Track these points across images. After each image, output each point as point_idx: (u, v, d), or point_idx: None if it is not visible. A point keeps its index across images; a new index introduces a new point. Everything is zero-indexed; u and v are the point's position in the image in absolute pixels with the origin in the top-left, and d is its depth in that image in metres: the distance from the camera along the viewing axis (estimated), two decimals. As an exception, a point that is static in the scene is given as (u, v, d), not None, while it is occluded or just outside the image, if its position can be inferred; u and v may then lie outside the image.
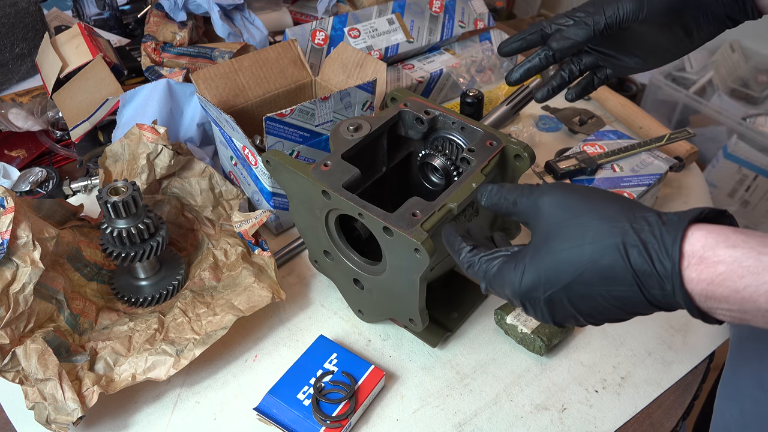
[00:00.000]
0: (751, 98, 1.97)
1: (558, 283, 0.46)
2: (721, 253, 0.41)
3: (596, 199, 0.48)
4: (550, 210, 0.49)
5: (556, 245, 0.47)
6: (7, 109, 1.01)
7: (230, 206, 0.82)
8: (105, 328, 0.70)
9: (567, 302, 0.47)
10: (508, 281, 0.49)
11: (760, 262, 0.40)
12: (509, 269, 0.49)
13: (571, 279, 0.46)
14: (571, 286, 0.46)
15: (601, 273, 0.44)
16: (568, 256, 0.46)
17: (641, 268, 0.43)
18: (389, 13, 1.12)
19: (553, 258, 0.47)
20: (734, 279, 0.40)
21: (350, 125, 0.70)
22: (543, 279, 0.47)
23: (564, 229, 0.47)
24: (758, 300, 0.40)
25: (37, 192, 0.93)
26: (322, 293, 0.80)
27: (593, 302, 0.46)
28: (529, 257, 0.48)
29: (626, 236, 0.43)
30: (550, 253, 0.47)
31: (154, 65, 1.02)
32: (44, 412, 0.61)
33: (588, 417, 0.67)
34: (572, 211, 0.47)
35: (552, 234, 0.48)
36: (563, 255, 0.46)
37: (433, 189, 0.74)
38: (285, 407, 0.65)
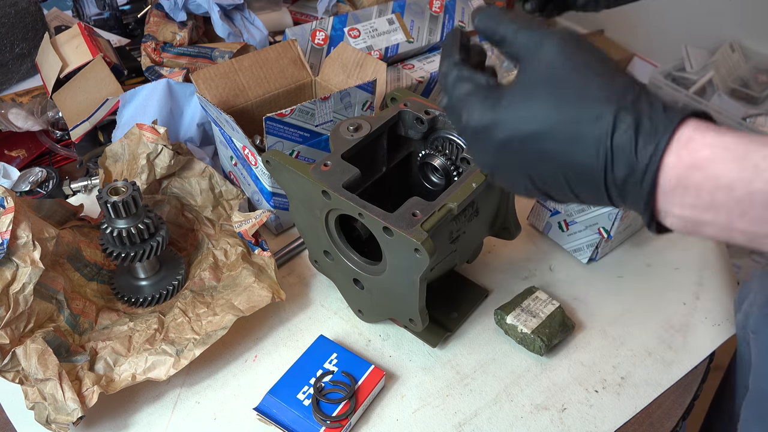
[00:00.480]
0: (751, 98, 1.98)
1: (524, 128, 0.42)
2: (709, 138, 0.38)
3: (608, 63, 0.42)
4: (553, 53, 0.43)
5: (538, 94, 0.42)
6: (7, 109, 1.01)
7: (230, 206, 0.82)
8: (105, 328, 0.70)
9: (519, 153, 0.43)
10: (471, 110, 0.44)
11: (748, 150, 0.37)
12: (477, 98, 0.44)
13: (541, 129, 0.41)
14: (536, 136, 0.41)
15: (572, 137, 0.40)
16: (547, 109, 0.41)
17: (620, 145, 0.39)
18: (389, 13, 1.12)
19: (528, 107, 0.42)
20: (716, 162, 0.37)
21: (350, 125, 0.70)
22: (506, 123, 0.42)
23: (556, 81, 0.42)
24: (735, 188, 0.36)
25: (37, 192, 0.93)
26: (322, 293, 0.80)
27: (548, 164, 0.42)
28: (506, 98, 0.43)
29: (621, 111, 0.39)
30: (528, 101, 0.42)
31: (154, 65, 1.02)
32: (44, 412, 0.61)
33: (588, 417, 0.67)
34: (577, 63, 0.42)
35: (540, 83, 0.42)
36: (541, 107, 0.41)
37: (433, 189, 0.74)
38: (285, 407, 0.65)
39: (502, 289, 0.81)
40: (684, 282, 0.82)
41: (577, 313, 0.78)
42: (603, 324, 0.77)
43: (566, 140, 0.41)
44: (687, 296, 0.80)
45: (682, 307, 0.79)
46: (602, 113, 0.40)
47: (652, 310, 0.78)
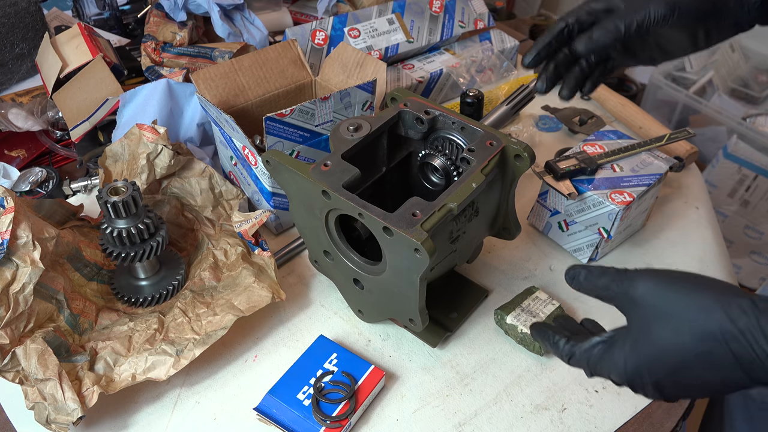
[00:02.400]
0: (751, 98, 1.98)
1: (662, 369, 0.47)
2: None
3: (689, 288, 0.48)
4: (644, 298, 0.49)
5: (655, 334, 0.47)
6: (7, 109, 1.01)
7: (230, 206, 0.82)
8: (105, 328, 0.70)
9: (674, 385, 0.47)
10: (613, 368, 0.49)
11: None
12: (611, 357, 0.50)
13: (675, 367, 0.46)
14: (676, 372, 0.46)
15: (704, 361, 0.45)
16: (669, 345, 0.46)
17: (743, 355, 0.43)
18: (389, 13, 1.12)
19: (653, 346, 0.47)
20: None
21: (350, 125, 0.70)
22: (646, 366, 0.47)
23: (661, 319, 0.47)
24: None
25: (37, 192, 0.93)
26: (322, 293, 0.80)
27: (701, 383, 0.46)
28: (630, 345, 0.49)
29: (723, 326, 0.44)
30: (650, 342, 0.47)
31: (154, 65, 1.02)
32: (44, 412, 0.61)
33: (588, 417, 0.67)
34: (667, 301, 0.47)
35: (649, 323, 0.48)
36: (664, 343, 0.47)
37: (433, 189, 0.74)
38: (285, 407, 0.65)
39: (502, 289, 0.81)
40: (684, 282, 0.82)
41: (577, 313, 0.78)
42: (603, 324, 0.76)
43: (701, 366, 0.45)
44: (687, 296, 0.80)
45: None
46: (709, 335, 0.44)
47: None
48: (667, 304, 0.47)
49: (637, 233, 0.88)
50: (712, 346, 0.44)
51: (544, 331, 0.56)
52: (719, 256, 0.86)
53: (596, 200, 0.78)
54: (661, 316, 0.47)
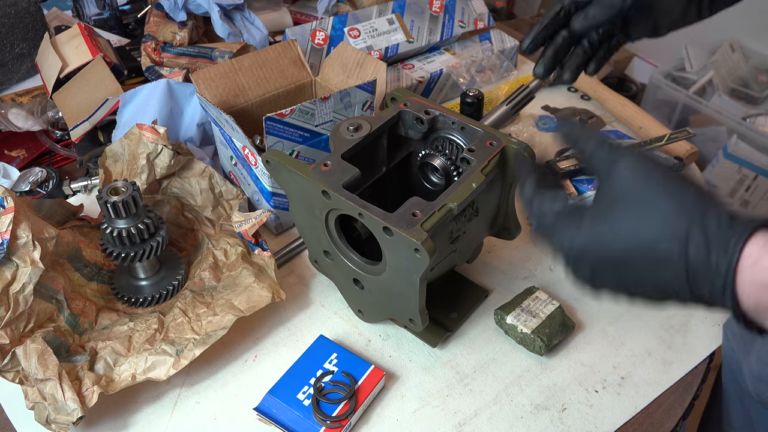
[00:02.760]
0: (751, 98, 1.97)
1: (609, 254, 0.45)
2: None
3: (674, 180, 0.46)
4: (624, 174, 0.47)
5: (619, 214, 0.45)
6: (7, 109, 1.01)
7: (230, 206, 0.82)
8: (105, 328, 0.70)
9: (611, 274, 0.46)
10: (561, 236, 0.48)
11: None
12: (565, 224, 0.48)
13: (623, 254, 0.45)
14: (621, 260, 0.45)
15: (655, 257, 0.43)
16: (628, 229, 0.45)
17: (696, 261, 0.42)
18: (389, 13, 1.12)
19: (612, 227, 0.45)
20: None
21: (350, 125, 0.70)
22: (596, 245, 0.46)
23: (632, 200, 0.45)
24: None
25: (37, 192, 0.93)
26: (322, 293, 0.80)
27: (637, 281, 0.45)
28: (589, 218, 0.47)
29: (692, 227, 0.42)
30: (611, 222, 0.46)
31: (154, 65, 1.02)
32: (44, 412, 0.61)
33: (588, 417, 0.67)
34: (646, 184, 0.46)
35: (619, 201, 0.46)
36: (623, 227, 0.45)
37: (433, 189, 0.74)
38: (285, 407, 0.65)
39: (502, 289, 0.81)
40: (684, 282, 0.82)
41: (577, 313, 0.78)
42: (603, 324, 0.77)
43: (649, 260, 0.44)
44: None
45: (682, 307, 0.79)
46: (675, 232, 0.43)
47: (652, 310, 0.78)
48: (645, 186, 0.46)
49: (637, 233, 0.88)
50: (670, 245, 0.43)
51: (524, 165, 0.54)
52: (719, 256, 0.86)
53: (596, 200, 0.78)
54: (634, 196, 0.46)
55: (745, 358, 0.70)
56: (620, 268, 0.46)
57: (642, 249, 0.44)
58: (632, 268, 0.45)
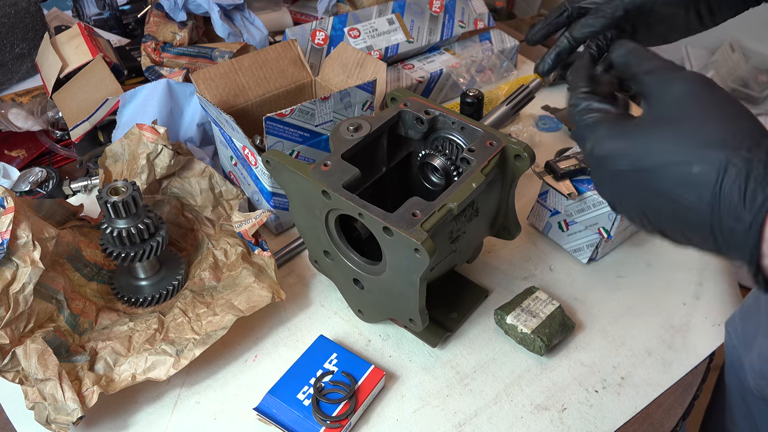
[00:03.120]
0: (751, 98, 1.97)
1: (640, 163, 0.43)
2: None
3: (730, 105, 0.43)
4: (678, 93, 0.45)
5: (662, 129, 0.43)
6: (7, 109, 1.01)
7: (230, 206, 0.82)
8: (105, 328, 0.70)
9: (636, 186, 0.44)
10: (597, 136, 0.46)
11: None
12: (606, 124, 0.47)
13: (655, 166, 0.42)
14: (650, 172, 0.43)
15: (686, 177, 0.41)
16: (667, 145, 0.42)
17: (728, 192, 0.39)
18: (389, 13, 1.12)
19: (651, 138, 0.43)
20: None
21: (350, 125, 0.70)
22: (629, 152, 0.44)
23: (680, 119, 0.43)
24: None
25: (37, 192, 0.93)
26: (322, 293, 0.80)
27: (660, 201, 0.43)
28: (632, 125, 0.45)
29: (735, 156, 0.39)
30: (651, 133, 0.43)
31: (154, 65, 1.02)
32: (44, 412, 0.61)
33: (588, 417, 0.67)
34: (699, 104, 0.43)
35: (666, 117, 0.44)
36: (663, 141, 0.43)
37: (433, 189, 0.74)
38: (285, 407, 0.65)
39: (502, 289, 0.81)
40: (684, 282, 0.82)
41: (577, 313, 0.78)
42: (603, 324, 0.77)
43: (678, 181, 0.41)
44: (687, 296, 0.80)
45: (682, 307, 0.79)
46: (715, 158, 0.40)
47: (652, 310, 0.78)
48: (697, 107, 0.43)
49: (637, 233, 0.88)
50: (707, 167, 0.40)
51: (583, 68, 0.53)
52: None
53: (596, 200, 0.78)
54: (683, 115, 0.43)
55: (747, 355, 0.70)
56: (643, 184, 0.43)
57: (672, 168, 0.42)
58: (656, 189, 0.43)
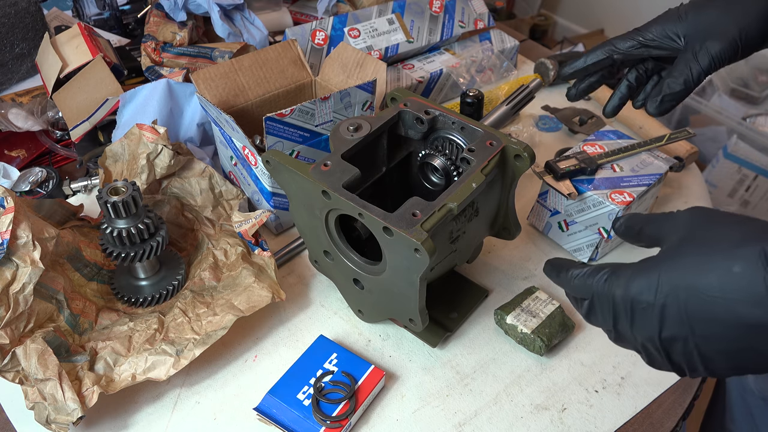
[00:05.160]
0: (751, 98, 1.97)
1: (679, 283, 0.40)
2: None
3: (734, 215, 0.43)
4: (687, 219, 0.44)
5: (685, 247, 0.41)
6: (7, 109, 1.01)
7: (230, 206, 0.82)
8: (105, 328, 0.70)
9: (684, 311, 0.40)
10: (615, 285, 0.43)
11: None
12: (618, 274, 0.44)
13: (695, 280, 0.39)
14: (694, 286, 0.39)
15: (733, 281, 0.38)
16: (698, 256, 0.40)
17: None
18: (389, 13, 1.12)
19: (678, 258, 0.41)
20: None
21: (350, 125, 0.70)
22: (660, 278, 0.41)
23: (700, 233, 0.42)
24: None
25: (37, 192, 0.93)
26: (322, 293, 0.80)
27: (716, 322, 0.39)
28: (650, 262, 0.42)
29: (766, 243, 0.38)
30: (676, 255, 0.41)
31: (154, 65, 1.02)
32: (44, 412, 0.61)
33: (588, 417, 0.67)
34: (712, 220, 0.42)
35: (684, 239, 0.42)
36: (692, 256, 0.40)
37: (433, 189, 0.74)
38: (285, 407, 0.65)
39: (502, 289, 0.81)
40: (684, 282, 0.82)
41: (577, 313, 0.78)
42: (603, 324, 0.77)
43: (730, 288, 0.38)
44: (687, 296, 0.80)
45: None
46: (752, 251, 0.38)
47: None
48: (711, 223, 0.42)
49: (637, 233, 0.88)
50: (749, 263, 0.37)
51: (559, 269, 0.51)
52: (719, 256, 0.86)
53: (596, 200, 0.78)
54: (701, 231, 0.42)
55: None
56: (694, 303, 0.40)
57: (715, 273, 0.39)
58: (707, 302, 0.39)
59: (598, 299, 0.46)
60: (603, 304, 0.46)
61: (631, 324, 0.43)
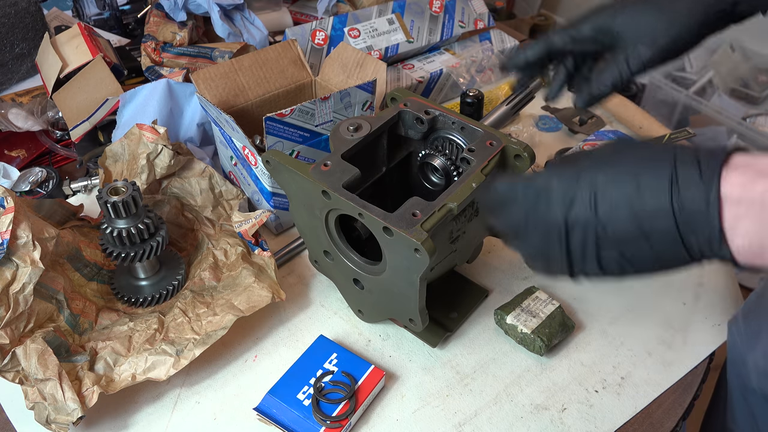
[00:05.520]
0: (751, 98, 1.97)
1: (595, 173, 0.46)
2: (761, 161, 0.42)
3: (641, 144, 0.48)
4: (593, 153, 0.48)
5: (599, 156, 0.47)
6: (7, 109, 1.01)
7: (230, 206, 0.82)
8: (105, 328, 0.70)
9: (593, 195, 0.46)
10: (537, 176, 0.48)
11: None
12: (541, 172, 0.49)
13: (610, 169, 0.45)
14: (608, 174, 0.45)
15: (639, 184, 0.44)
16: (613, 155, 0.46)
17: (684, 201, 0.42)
18: (389, 13, 1.12)
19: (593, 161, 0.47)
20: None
21: (350, 125, 0.70)
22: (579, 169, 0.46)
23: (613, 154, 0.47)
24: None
25: (37, 192, 0.93)
26: (322, 293, 0.80)
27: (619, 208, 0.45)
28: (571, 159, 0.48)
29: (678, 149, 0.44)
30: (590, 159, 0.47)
31: (154, 65, 1.02)
32: (44, 412, 0.61)
33: (588, 417, 0.67)
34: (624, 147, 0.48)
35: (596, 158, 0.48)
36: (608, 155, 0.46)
37: (433, 189, 0.74)
38: (285, 407, 0.65)
39: (502, 289, 0.81)
40: (684, 282, 0.82)
41: (577, 313, 0.78)
42: (603, 324, 0.77)
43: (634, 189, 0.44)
44: (687, 296, 0.80)
45: (682, 307, 0.79)
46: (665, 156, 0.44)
47: (652, 310, 0.78)
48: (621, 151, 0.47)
49: (637, 233, 0.88)
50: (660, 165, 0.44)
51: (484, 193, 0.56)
52: (719, 256, 0.86)
53: (596, 200, 0.78)
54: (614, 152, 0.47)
55: (750, 354, 0.70)
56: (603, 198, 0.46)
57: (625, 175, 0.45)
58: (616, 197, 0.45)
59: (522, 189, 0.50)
60: (527, 193, 0.50)
61: (547, 205, 0.48)
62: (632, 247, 0.46)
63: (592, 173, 0.46)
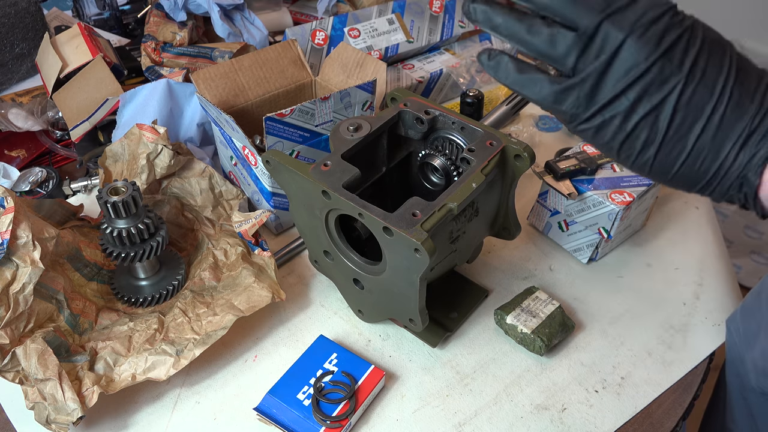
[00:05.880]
0: (751, 98, 1.97)
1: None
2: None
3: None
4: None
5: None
6: (7, 109, 1.01)
7: (230, 206, 0.82)
8: (105, 328, 0.70)
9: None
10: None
11: None
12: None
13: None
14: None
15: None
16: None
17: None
18: (389, 13, 1.12)
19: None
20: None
21: (350, 125, 0.70)
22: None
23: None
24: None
25: (37, 192, 0.93)
26: (322, 293, 0.80)
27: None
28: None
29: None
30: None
31: (154, 65, 1.02)
32: (44, 412, 0.61)
33: (588, 417, 0.67)
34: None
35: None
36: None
37: (433, 189, 0.74)
38: (285, 407, 0.65)
39: (502, 289, 0.81)
40: (684, 282, 0.82)
41: (577, 313, 0.78)
42: (603, 324, 0.77)
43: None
44: (687, 296, 0.80)
45: (682, 307, 0.79)
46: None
47: (652, 310, 0.78)
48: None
49: (637, 233, 0.88)
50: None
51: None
52: (719, 256, 0.86)
53: (596, 200, 0.78)
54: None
55: (749, 353, 0.70)
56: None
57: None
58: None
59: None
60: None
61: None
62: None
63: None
